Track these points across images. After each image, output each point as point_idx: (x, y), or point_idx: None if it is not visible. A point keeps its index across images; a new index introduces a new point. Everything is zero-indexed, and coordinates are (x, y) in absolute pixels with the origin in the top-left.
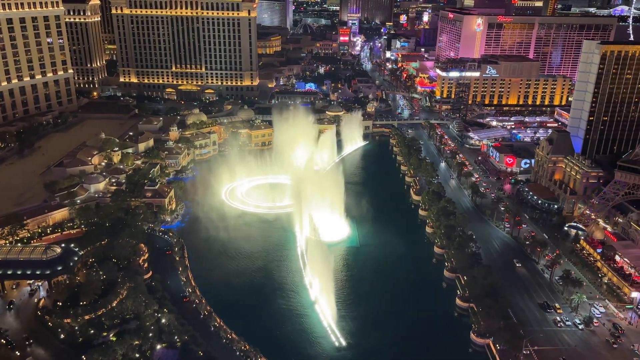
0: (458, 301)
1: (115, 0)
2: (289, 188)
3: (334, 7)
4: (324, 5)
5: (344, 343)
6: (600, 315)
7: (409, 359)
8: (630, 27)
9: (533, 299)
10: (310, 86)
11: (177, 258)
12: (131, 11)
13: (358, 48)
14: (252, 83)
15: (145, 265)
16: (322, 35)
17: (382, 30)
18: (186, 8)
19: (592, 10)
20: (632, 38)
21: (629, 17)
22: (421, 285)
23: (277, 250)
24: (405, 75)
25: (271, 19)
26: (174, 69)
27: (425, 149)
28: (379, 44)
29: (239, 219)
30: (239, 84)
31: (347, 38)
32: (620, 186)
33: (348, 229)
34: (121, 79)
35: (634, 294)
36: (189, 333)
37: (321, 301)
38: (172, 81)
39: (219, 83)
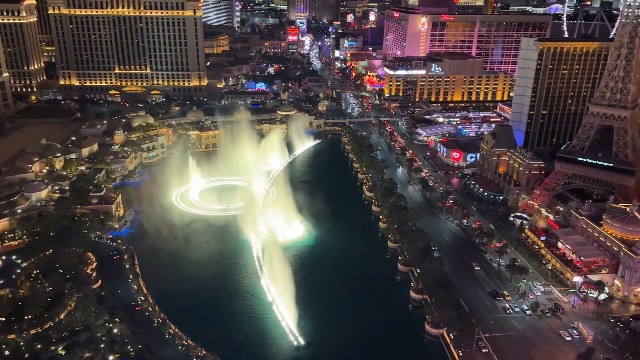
0: (412, 293)
1: (52, 0)
2: (242, 190)
3: (282, 6)
4: (271, 4)
5: (302, 342)
6: (540, 295)
7: (367, 352)
8: (565, 25)
9: (483, 288)
10: (261, 86)
11: (127, 266)
12: (70, 11)
13: (307, 47)
14: (200, 83)
15: (94, 274)
16: (270, 34)
17: (330, 29)
18: (128, 8)
19: (529, 8)
20: (566, 35)
21: (563, 14)
22: (376, 279)
23: (232, 253)
24: (354, 74)
25: (218, 18)
26: (117, 70)
27: (376, 146)
28: (328, 43)
29: (192, 223)
30: (186, 84)
31: (295, 37)
32: (560, 176)
33: (303, 228)
34: (61, 82)
35: (576, 279)
36: (143, 342)
37: (279, 302)
38: (116, 83)
39: (166, 84)
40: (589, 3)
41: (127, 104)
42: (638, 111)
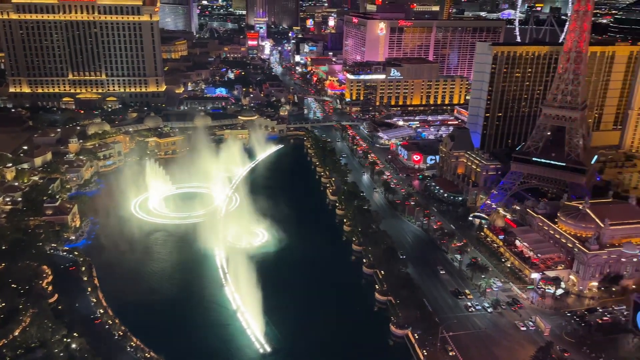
0: (377, 295)
1: (0, 5)
2: (204, 197)
3: (240, 11)
4: (230, 9)
5: (268, 349)
6: (497, 290)
7: (333, 356)
8: (517, 29)
9: (445, 287)
10: (221, 91)
11: (85, 278)
12: (19, 16)
13: (267, 52)
14: (158, 89)
15: (50, 288)
16: (229, 39)
17: (290, 34)
18: (82, 12)
19: (483, 14)
20: (518, 39)
21: (515, 20)
22: (342, 283)
23: (195, 262)
24: (315, 78)
25: (175, 23)
26: (70, 76)
27: (338, 150)
28: (288, 48)
29: (152, 232)
30: (143, 90)
31: (255, 42)
32: (516, 176)
33: (267, 233)
34: (11, 89)
35: (534, 275)
36: (103, 356)
37: (244, 309)
38: (70, 90)
39: (122, 90)
40: (539, 8)
41: (82, 111)
42: (587, 112)
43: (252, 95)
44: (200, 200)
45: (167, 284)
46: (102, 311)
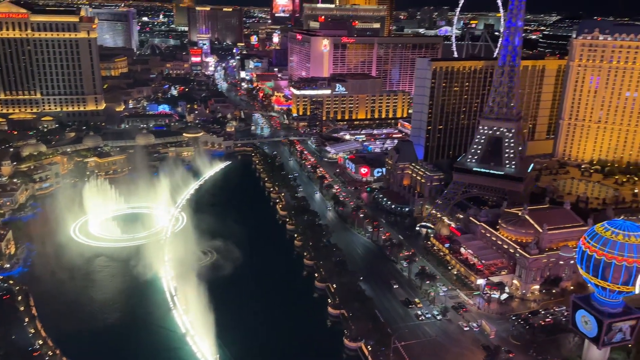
0: (330, 309)
1: None
2: (149, 217)
3: (182, 28)
4: (172, 26)
5: None
6: (443, 294)
7: None
8: (454, 45)
9: (396, 298)
10: (164, 108)
11: (22, 308)
12: None
13: (212, 68)
14: (97, 107)
15: None
16: (172, 55)
17: (234, 50)
18: (14, 29)
19: (422, 31)
20: (456, 55)
21: (452, 36)
22: (294, 298)
23: (140, 286)
24: (261, 94)
25: (114, 40)
26: (2, 96)
27: (287, 165)
28: (233, 64)
29: (94, 257)
30: (82, 109)
31: (199, 58)
32: (458, 186)
33: (216, 252)
34: None
35: (479, 281)
36: None
37: (193, 332)
38: (2, 110)
39: (59, 109)
40: (474, 25)
41: (15, 132)
42: (522, 123)
43: (197, 112)
44: (144, 222)
45: (110, 310)
46: (41, 342)
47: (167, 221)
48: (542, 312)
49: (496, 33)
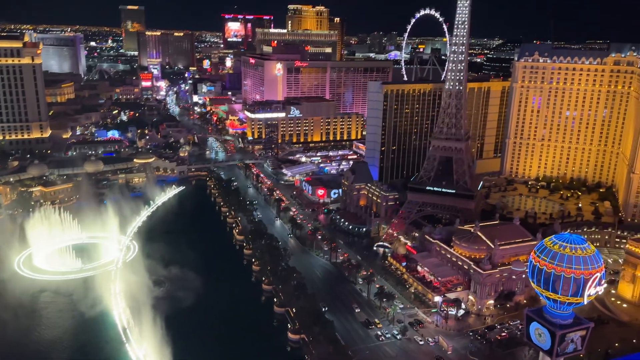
0: (289, 334)
1: None
2: (98, 248)
3: (132, 52)
4: (121, 51)
5: None
6: (402, 313)
7: None
8: (403, 69)
9: (356, 319)
10: (113, 134)
11: None
12: None
13: (163, 93)
14: (42, 135)
15: None
16: (121, 80)
17: (186, 74)
18: None
19: (372, 55)
20: (405, 78)
21: (401, 60)
22: (253, 325)
23: (90, 321)
24: (215, 118)
25: (61, 66)
26: None
27: (243, 189)
28: (185, 88)
29: (39, 292)
30: (26, 136)
31: (149, 83)
32: (413, 205)
33: (171, 281)
34: None
35: (436, 299)
36: None
37: None
38: None
39: (1, 137)
40: (421, 49)
41: None
42: (471, 142)
43: (148, 137)
44: (93, 252)
45: (59, 349)
46: None
47: (117, 251)
48: (498, 326)
49: (443, 57)
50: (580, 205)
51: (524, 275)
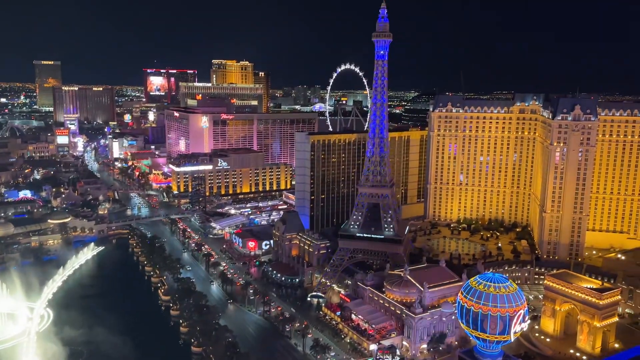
0: None
1: None
2: (7, 318)
3: (47, 108)
4: (34, 107)
5: None
6: None
7: None
8: (328, 120)
9: None
10: (25, 194)
11: None
12: None
13: (81, 149)
14: None
15: None
16: (35, 137)
17: (106, 129)
18: None
19: (298, 107)
20: (330, 129)
21: (325, 111)
22: None
23: None
24: (137, 173)
25: None
26: None
27: (169, 246)
28: (105, 144)
29: None
30: None
31: (66, 139)
32: (344, 252)
33: (90, 350)
34: None
35: (372, 347)
36: None
37: None
38: None
39: None
40: (344, 102)
41: None
42: (395, 188)
43: (64, 196)
44: (2, 323)
45: None
46: None
47: (29, 321)
48: None
49: (364, 108)
50: (499, 244)
51: (453, 317)
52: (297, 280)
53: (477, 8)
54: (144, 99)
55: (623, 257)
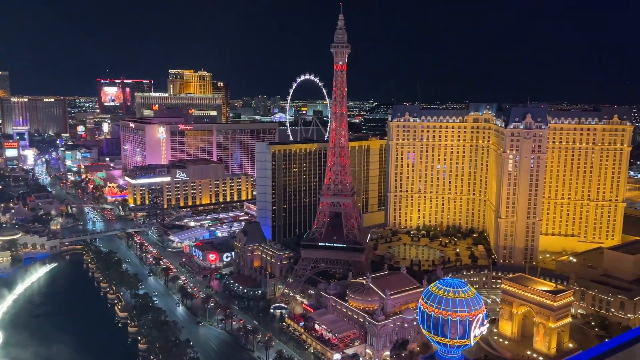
0: None
1: None
2: None
3: None
4: None
5: None
6: None
7: None
8: (289, 130)
9: None
10: None
11: None
12: None
13: (31, 162)
14: None
15: None
16: None
17: (58, 141)
18: None
19: (258, 117)
20: (291, 138)
21: (286, 121)
22: None
23: None
24: (92, 186)
25: None
26: None
27: (125, 260)
28: (57, 156)
29: None
30: None
31: (15, 152)
32: (307, 262)
33: None
34: None
35: (335, 356)
36: None
37: None
38: None
39: None
40: (304, 112)
41: None
42: (357, 197)
43: (13, 211)
44: None
45: None
46: None
47: None
48: None
49: (325, 118)
50: (458, 250)
51: (415, 323)
52: (259, 292)
53: (435, 19)
54: (98, 110)
55: (575, 260)
